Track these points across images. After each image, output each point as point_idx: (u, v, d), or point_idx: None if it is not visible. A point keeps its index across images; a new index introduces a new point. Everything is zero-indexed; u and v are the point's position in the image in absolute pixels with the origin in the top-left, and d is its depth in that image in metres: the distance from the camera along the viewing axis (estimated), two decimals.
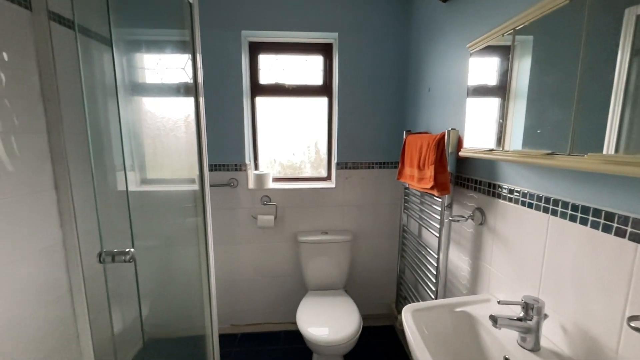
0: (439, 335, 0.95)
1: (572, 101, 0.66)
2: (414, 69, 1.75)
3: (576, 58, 0.65)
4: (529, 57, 0.82)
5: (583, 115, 0.64)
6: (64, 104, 1.30)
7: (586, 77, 0.63)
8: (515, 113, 0.86)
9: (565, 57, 0.69)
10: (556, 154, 0.69)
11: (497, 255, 1.05)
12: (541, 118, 0.77)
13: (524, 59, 0.83)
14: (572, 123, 0.66)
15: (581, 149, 0.64)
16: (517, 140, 0.85)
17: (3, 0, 1.10)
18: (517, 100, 0.85)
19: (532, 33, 0.80)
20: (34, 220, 1.20)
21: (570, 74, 0.66)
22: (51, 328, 1.26)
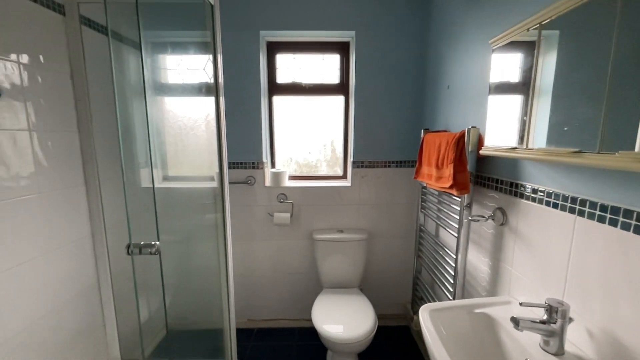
0: (458, 336, 0.94)
1: (602, 97, 0.63)
2: (433, 66, 1.72)
3: (607, 53, 0.62)
4: (554, 53, 0.79)
5: (614, 112, 0.61)
6: (92, 104, 1.37)
7: (618, 73, 0.61)
8: (540, 110, 0.83)
9: (595, 51, 0.66)
10: (584, 152, 0.67)
11: (519, 257, 1.02)
12: (568, 115, 0.74)
13: (549, 54, 0.81)
14: (602, 120, 0.63)
15: (611, 147, 0.61)
16: (541, 138, 0.83)
17: (39, 6, 1.16)
18: (542, 97, 0.83)
19: (559, 27, 0.77)
20: (66, 214, 1.27)
21: (601, 69, 0.64)
22: (81, 317, 1.34)
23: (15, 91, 1.06)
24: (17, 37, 1.06)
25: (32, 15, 1.13)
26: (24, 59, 1.09)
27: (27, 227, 1.09)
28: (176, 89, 1.73)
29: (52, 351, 1.18)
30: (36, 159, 1.13)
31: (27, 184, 1.09)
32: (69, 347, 1.26)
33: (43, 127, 1.16)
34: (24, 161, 1.08)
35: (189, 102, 1.72)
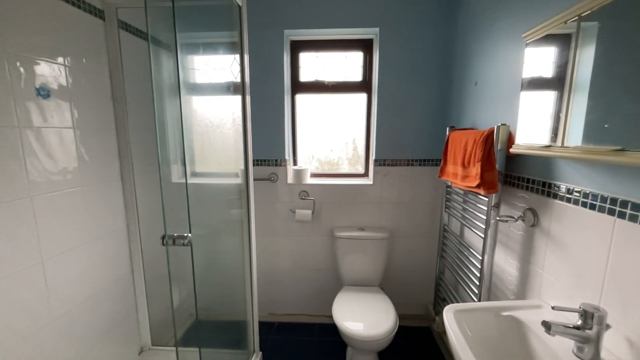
0: (484, 339, 0.91)
1: None
2: (459, 62, 1.67)
3: None
4: (592, 45, 0.75)
5: None
6: (128, 104, 1.45)
7: None
8: (576, 106, 0.80)
9: (639, 43, 0.63)
10: (628, 150, 0.63)
11: (551, 259, 0.98)
12: (608, 111, 0.70)
13: (587, 47, 0.77)
14: None
15: None
16: (577, 135, 0.79)
17: (83, 12, 1.25)
18: (579, 93, 0.79)
19: (598, 19, 0.73)
20: (104, 206, 1.36)
21: None
22: (116, 303, 1.43)
23: (61, 92, 1.14)
24: (63, 42, 1.15)
25: (76, 21, 1.21)
26: (69, 61, 1.17)
27: (72, 218, 1.18)
28: (204, 88, 1.80)
29: (91, 334, 1.27)
30: (79, 155, 1.22)
31: (72, 177, 1.18)
32: (105, 331, 1.35)
33: (84, 125, 1.25)
34: (69, 157, 1.17)
35: (215, 101, 1.78)
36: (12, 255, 0.95)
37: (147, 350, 1.59)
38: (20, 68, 0.98)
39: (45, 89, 1.08)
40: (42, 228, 1.05)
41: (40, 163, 1.05)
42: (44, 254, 1.06)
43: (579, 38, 0.78)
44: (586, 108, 0.76)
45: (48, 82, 1.09)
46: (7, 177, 0.94)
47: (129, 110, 1.46)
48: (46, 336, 1.07)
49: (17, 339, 0.97)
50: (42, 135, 1.06)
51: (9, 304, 0.95)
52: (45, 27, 1.07)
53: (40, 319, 1.05)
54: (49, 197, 1.08)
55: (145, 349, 1.59)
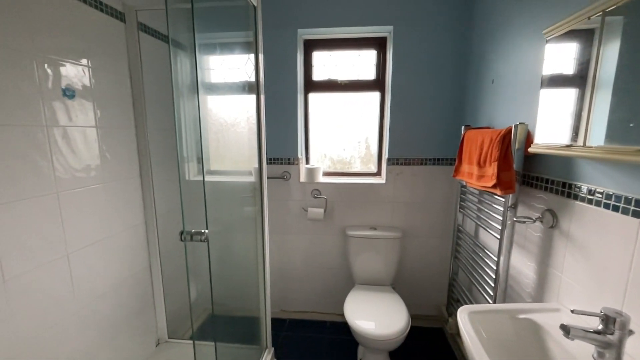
0: (500, 341, 0.90)
1: None
2: (476, 60, 1.64)
3: None
4: (617, 41, 0.72)
5: None
6: (146, 103, 1.50)
7: None
8: (599, 105, 0.77)
9: None
10: None
11: (571, 262, 0.95)
12: (634, 110, 0.68)
13: (610, 43, 0.74)
14: None
15: None
16: (600, 135, 0.76)
17: (105, 15, 1.29)
18: (602, 91, 0.76)
19: (624, 14, 0.71)
20: (124, 203, 1.41)
21: None
22: (134, 296, 1.48)
23: (85, 92, 1.19)
24: (87, 44, 1.19)
25: (99, 23, 1.26)
26: (92, 63, 1.22)
27: (94, 214, 1.23)
28: (219, 87, 1.82)
29: (111, 325, 1.32)
30: (101, 153, 1.27)
31: (94, 174, 1.23)
32: (125, 322, 1.41)
33: (106, 124, 1.30)
34: (92, 155, 1.22)
35: (230, 100, 1.80)
36: (41, 248, 1.01)
37: (164, 342, 1.64)
38: (47, 69, 1.03)
39: (71, 89, 1.12)
40: (67, 223, 1.10)
41: (66, 160, 1.10)
42: (68, 247, 1.11)
43: (603, 34, 0.76)
44: (610, 106, 0.74)
45: (73, 83, 1.13)
46: (36, 173, 0.99)
47: (147, 110, 1.50)
48: (71, 325, 1.12)
49: (45, 328, 1.02)
50: (67, 134, 1.11)
51: (38, 293, 1.00)
52: (70, 30, 1.12)
53: (66, 309, 1.10)
54: (74, 193, 1.13)
55: (161, 341, 1.64)
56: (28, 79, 0.97)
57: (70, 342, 1.12)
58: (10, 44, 0.91)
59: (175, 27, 1.47)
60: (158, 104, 1.59)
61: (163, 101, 1.63)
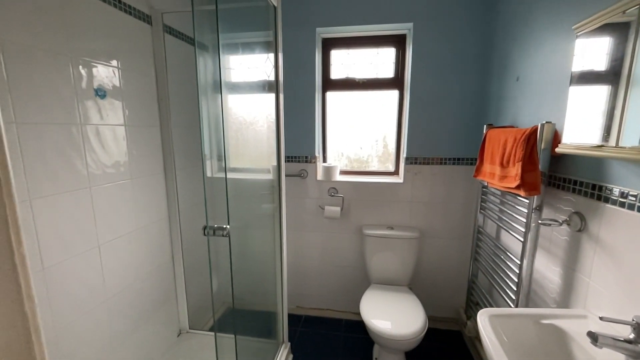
0: (522, 347, 0.88)
1: None
2: (499, 57, 1.59)
3: None
4: None
5: None
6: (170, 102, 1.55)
7: None
8: (634, 103, 0.73)
9: None
10: None
11: (600, 267, 0.91)
12: None
13: None
14: None
15: None
16: (634, 134, 0.73)
17: (133, 18, 1.35)
18: (637, 88, 0.72)
19: None
20: (149, 198, 1.47)
21: None
22: (158, 288, 1.54)
23: (115, 92, 1.25)
24: (117, 46, 1.25)
25: (127, 26, 1.31)
26: (121, 64, 1.28)
27: (123, 208, 1.29)
28: (239, 86, 1.86)
29: (137, 314, 1.39)
30: (129, 150, 1.33)
31: (123, 170, 1.29)
32: (149, 312, 1.47)
33: (133, 123, 1.36)
34: (120, 152, 1.28)
35: (249, 99, 1.84)
36: (76, 239, 1.07)
37: (185, 332, 1.71)
38: (82, 71, 1.09)
39: (102, 89, 1.18)
40: (98, 216, 1.17)
41: (97, 157, 1.16)
42: (100, 239, 1.17)
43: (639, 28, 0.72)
44: None
45: (104, 84, 1.19)
46: (71, 169, 1.05)
47: (171, 108, 1.56)
48: (102, 312, 1.19)
49: (81, 313, 1.09)
50: (99, 132, 1.17)
51: (74, 281, 1.07)
52: (102, 33, 1.18)
53: (98, 297, 1.17)
54: (104, 188, 1.19)
55: (183, 331, 1.71)
56: (65, 80, 1.03)
57: (102, 328, 1.19)
58: (50, 47, 0.97)
59: (199, 29, 1.52)
60: (180, 103, 1.64)
61: (185, 100, 1.68)
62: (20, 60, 0.89)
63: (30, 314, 0.26)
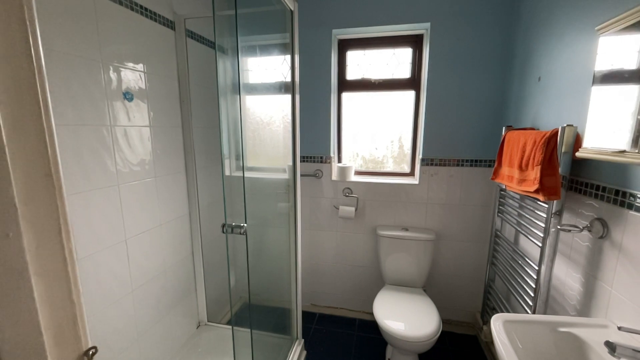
0: (537, 354, 0.87)
1: None
2: (520, 57, 1.54)
3: None
4: None
5: None
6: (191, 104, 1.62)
7: None
8: None
9: None
10: None
11: (623, 276, 0.88)
12: None
13: None
14: None
15: None
16: None
17: (158, 24, 1.42)
18: None
19: None
20: (172, 195, 1.54)
21: None
22: (179, 282, 1.62)
23: (141, 94, 1.32)
24: (143, 50, 1.32)
25: (153, 32, 1.38)
26: (147, 68, 1.35)
27: (147, 204, 1.37)
28: (256, 87, 1.91)
29: (160, 306, 1.47)
30: (154, 150, 1.40)
31: (148, 169, 1.36)
32: (171, 304, 1.55)
33: (158, 124, 1.43)
34: (145, 151, 1.35)
35: (266, 100, 1.88)
36: (106, 233, 1.15)
37: (204, 325, 1.78)
38: (111, 75, 1.16)
39: (130, 92, 1.26)
40: (126, 211, 1.24)
41: (125, 156, 1.24)
42: (127, 234, 1.25)
43: None
44: None
45: (131, 87, 1.26)
46: (102, 167, 1.13)
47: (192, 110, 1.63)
48: (129, 303, 1.27)
49: (110, 302, 1.17)
50: (126, 133, 1.24)
51: (104, 272, 1.15)
52: (130, 39, 1.25)
53: (125, 288, 1.25)
54: (131, 186, 1.27)
55: (202, 324, 1.78)
56: (97, 84, 1.10)
57: (128, 318, 1.27)
58: (84, 54, 1.05)
59: (219, 33, 1.57)
60: (200, 104, 1.71)
61: (204, 101, 1.74)
62: (60, 66, 0.97)
63: (77, 300, 0.30)
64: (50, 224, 0.30)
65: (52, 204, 0.30)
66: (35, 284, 0.27)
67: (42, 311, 0.29)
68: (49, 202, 0.29)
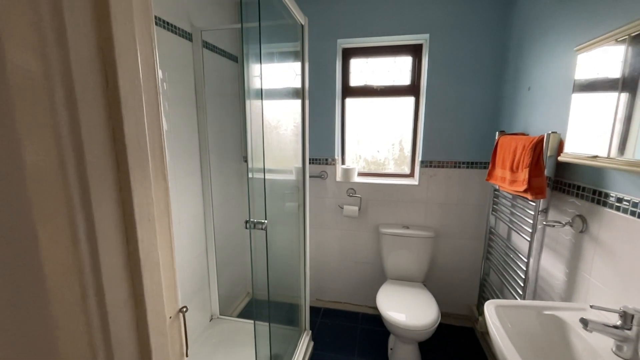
0: (525, 333, 0.98)
1: None
2: (513, 67, 1.67)
3: None
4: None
5: None
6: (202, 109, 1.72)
7: None
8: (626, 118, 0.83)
9: None
10: None
11: (599, 266, 1.01)
12: None
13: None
14: None
15: None
16: (631, 146, 0.82)
17: (177, 36, 1.53)
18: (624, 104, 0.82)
19: None
20: (189, 194, 1.65)
21: None
22: (195, 276, 1.73)
23: (163, 101, 1.43)
24: (164, 61, 1.43)
25: (172, 43, 1.50)
26: (167, 76, 1.46)
27: None
28: (271, 93, 2.01)
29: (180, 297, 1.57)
30: (172, 152, 1.51)
31: (167, 170, 1.47)
32: (186, 299, 1.65)
33: (176, 128, 1.54)
34: (168, 152, 1.46)
35: (279, 105, 1.98)
36: None
37: (216, 318, 1.88)
38: None
39: None
40: None
41: None
42: None
43: (628, 55, 0.81)
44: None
45: None
46: None
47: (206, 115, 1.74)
48: None
49: None
50: None
51: None
52: None
53: None
54: None
55: (214, 317, 1.89)
56: None
57: None
58: None
59: (236, 44, 1.67)
60: (213, 109, 1.82)
61: (218, 107, 1.86)
62: None
63: (174, 268, 0.41)
64: (164, 213, 0.41)
65: (166, 200, 0.42)
66: (160, 256, 0.39)
67: (163, 275, 0.41)
68: (165, 199, 0.41)
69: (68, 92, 0.30)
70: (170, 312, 0.46)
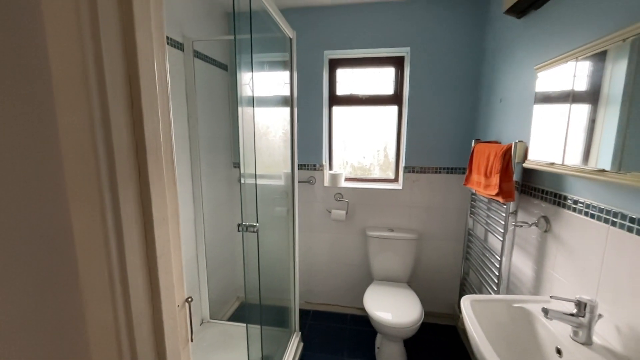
0: (496, 323, 1.08)
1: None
2: (487, 80, 1.81)
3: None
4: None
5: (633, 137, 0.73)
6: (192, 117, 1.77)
7: None
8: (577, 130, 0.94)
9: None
10: (607, 171, 0.79)
11: (561, 261, 1.12)
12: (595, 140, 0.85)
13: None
14: (622, 142, 0.75)
15: (628, 167, 0.73)
16: (577, 154, 0.94)
17: (169, 47, 1.58)
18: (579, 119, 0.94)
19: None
20: (180, 200, 1.68)
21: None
22: (186, 279, 1.75)
23: None
24: None
25: None
26: None
27: None
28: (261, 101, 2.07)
29: None
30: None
31: None
32: None
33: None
34: None
35: (269, 112, 2.05)
36: None
37: (206, 322, 1.91)
38: None
39: None
40: None
41: None
42: None
43: (575, 76, 0.93)
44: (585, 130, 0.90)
45: None
46: None
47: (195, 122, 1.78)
48: None
49: None
50: None
51: None
52: None
53: None
54: None
55: (204, 320, 1.91)
56: None
57: None
58: None
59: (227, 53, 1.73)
60: (204, 118, 1.87)
61: (209, 114, 1.90)
62: None
63: (181, 263, 0.47)
64: (175, 214, 0.47)
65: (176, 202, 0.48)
66: (173, 254, 0.45)
67: (174, 268, 0.47)
68: (175, 202, 0.47)
69: (104, 115, 0.37)
70: (179, 301, 0.52)
